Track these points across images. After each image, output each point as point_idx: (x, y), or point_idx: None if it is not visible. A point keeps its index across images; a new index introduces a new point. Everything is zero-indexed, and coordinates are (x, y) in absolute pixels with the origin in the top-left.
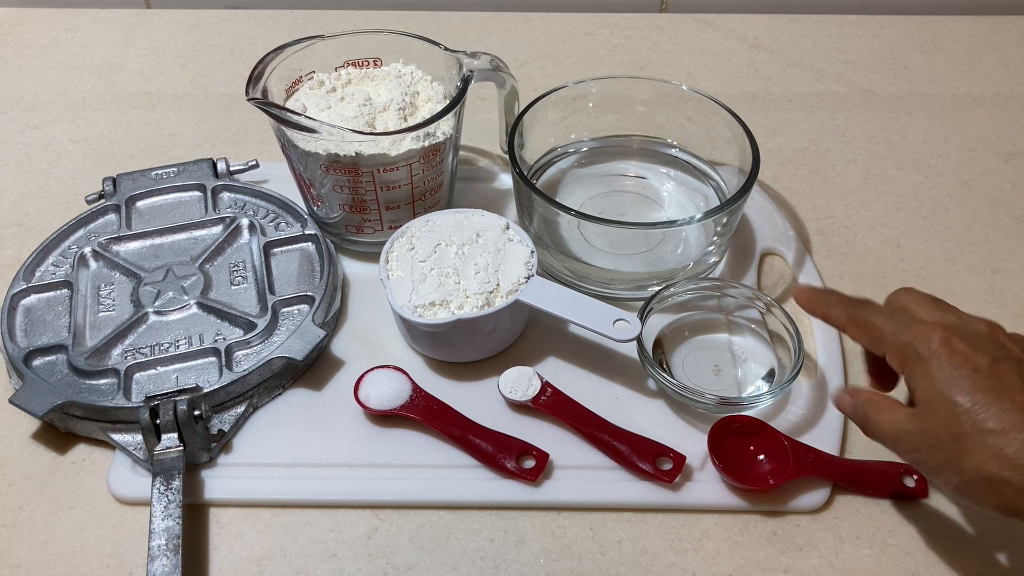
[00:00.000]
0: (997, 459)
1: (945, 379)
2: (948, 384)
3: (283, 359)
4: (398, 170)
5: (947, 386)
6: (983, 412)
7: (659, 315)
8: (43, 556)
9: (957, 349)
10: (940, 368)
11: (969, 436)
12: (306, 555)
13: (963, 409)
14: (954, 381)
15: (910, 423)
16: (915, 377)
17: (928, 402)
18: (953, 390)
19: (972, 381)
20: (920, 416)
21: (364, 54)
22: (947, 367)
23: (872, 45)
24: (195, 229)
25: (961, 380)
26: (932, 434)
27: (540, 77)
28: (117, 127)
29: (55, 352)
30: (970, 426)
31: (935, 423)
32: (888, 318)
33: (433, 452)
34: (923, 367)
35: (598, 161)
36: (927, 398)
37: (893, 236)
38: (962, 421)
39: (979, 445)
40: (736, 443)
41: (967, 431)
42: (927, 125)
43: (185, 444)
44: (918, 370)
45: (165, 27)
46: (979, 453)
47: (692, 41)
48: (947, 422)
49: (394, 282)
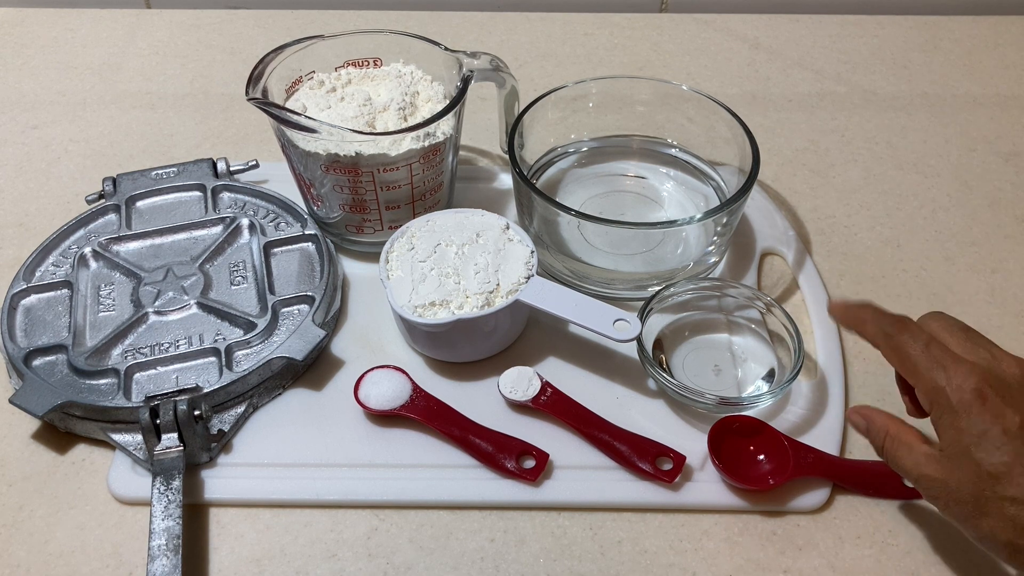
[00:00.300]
0: (1014, 528)
1: (973, 436)
2: (976, 443)
3: (283, 359)
4: (398, 170)
5: (974, 444)
6: (1006, 478)
7: (659, 315)
8: (43, 556)
9: (989, 403)
10: (970, 423)
11: (990, 500)
12: (306, 555)
13: (986, 472)
14: (981, 441)
15: (932, 468)
16: (943, 426)
17: (953, 455)
18: (979, 450)
19: (999, 443)
20: (943, 465)
21: (364, 54)
22: (977, 423)
23: (872, 45)
24: (195, 229)
25: (988, 441)
26: (954, 487)
27: (540, 77)
28: (117, 127)
29: (55, 352)
30: (991, 490)
31: (958, 477)
32: (923, 351)
33: (433, 452)
34: (952, 418)
35: (598, 161)
36: (953, 451)
37: (893, 236)
38: (984, 483)
39: (998, 510)
40: (736, 443)
41: (988, 494)
42: (927, 125)
43: (185, 444)
44: (947, 420)
45: (165, 27)
46: (997, 518)
47: (692, 41)
48: (970, 480)
49: (394, 282)
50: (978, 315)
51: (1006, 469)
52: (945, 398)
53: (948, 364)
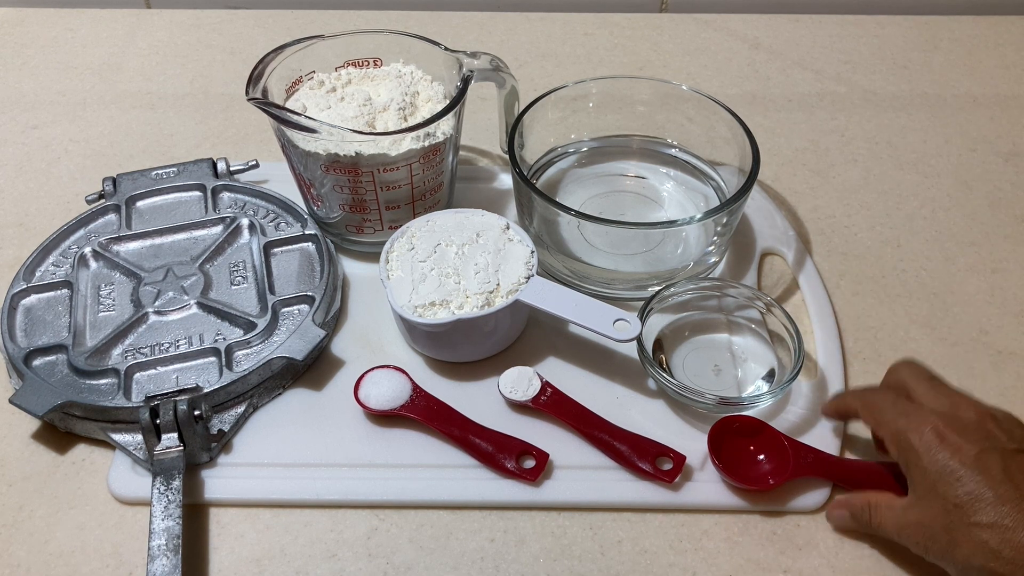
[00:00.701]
0: (984, 552)
1: (936, 472)
2: (938, 478)
3: (283, 359)
4: (398, 170)
5: (938, 479)
6: (969, 506)
7: (659, 315)
8: (43, 556)
9: (947, 440)
10: (932, 461)
11: (959, 529)
12: (306, 555)
13: (952, 504)
14: (943, 475)
15: (908, 515)
16: (909, 467)
17: (923, 496)
18: (942, 484)
19: (960, 475)
20: (916, 507)
21: (364, 54)
22: (938, 460)
23: (872, 45)
24: (195, 229)
25: (949, 474)
26: (928, 525)
27: (540, 77)
28: (117, 127)
29: (55, 352)
30: (959, 519)
31: (930, 515)
32: (892, 403)
33: (433, 452)
34: (916, 458)
35: (598, 161)
36: (920, 491)
37: (893, 236)
38: (952, 515)
39: (968, 538)
40: (736, 443)
41: (957, 524)
42: (927, 125)
43: (185, 444)
44: (911, 460)
45: (165, 27)
46: (968, 545)
47: (692, 41)
48: (940, 515)
49: (394, 282)
50: (978, 315)
51: (969, 499)
52: (907, 440)
53: (910, 411)
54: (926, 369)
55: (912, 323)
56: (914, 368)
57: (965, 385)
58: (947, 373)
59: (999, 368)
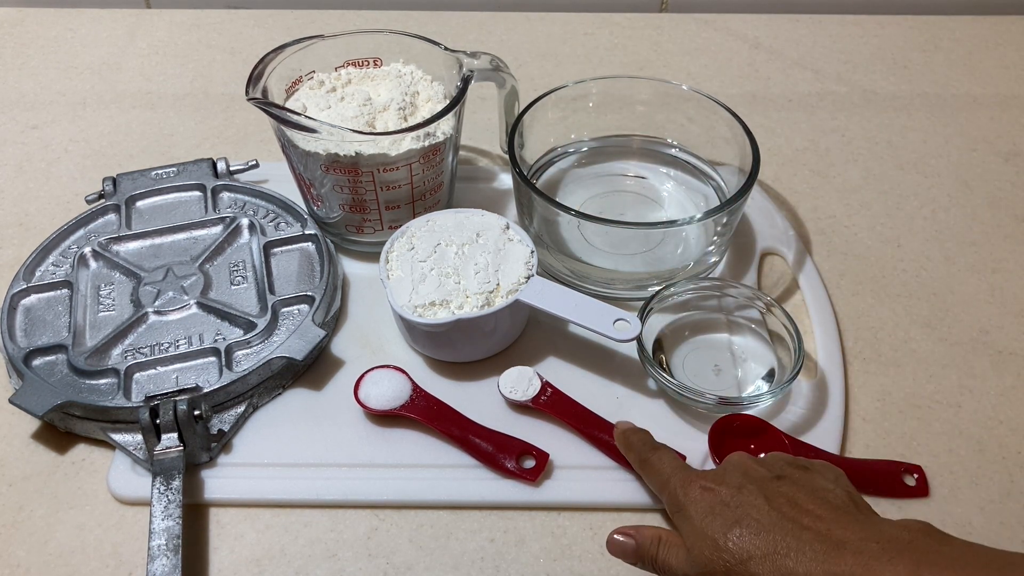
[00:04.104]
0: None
1: (700, 519)
2: (704, 524)
3: (283, 359)
4: (398, 170)
5: (704, 526)
6: (735, 544)
7: (659, 315)
8: (43, 556)
9: (707, 487)
10: (696, 510)
11: (733, 570)
12: (306, 555)
13: (721, 546)
14: (707, 520)
15: (689, 567)
16: (680, 523)
17: (693, 545)
18: (708, 529)
19: (723, 516)
20: (692, 560)
21: (364, 54)
22: (701, 507)
23: (872, 45)
24: (195, 229)
25: (713, 518)
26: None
27: (540, 77)
28: (117, 127)
29: (55, 352)
30: (731, 558)
31: (704, 563)
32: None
33: (433, 452)
34: (683, 512)
35: (598, 161)
36: (691, 542)
37: (893, 236)
38: (724, 557)
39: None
40: (737, 442)
41: (732, 566)
42: (927, 125)
43: (185, 444)
44: (680, 516)
45: (165, 27)
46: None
47: (692, 41)
48: (713, 560)
49: (394, 282)
50: (978, 315)
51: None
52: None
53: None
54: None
55: (912, 323)
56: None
57: (965, 385)
58: (947, 373)
59: (999, 368)
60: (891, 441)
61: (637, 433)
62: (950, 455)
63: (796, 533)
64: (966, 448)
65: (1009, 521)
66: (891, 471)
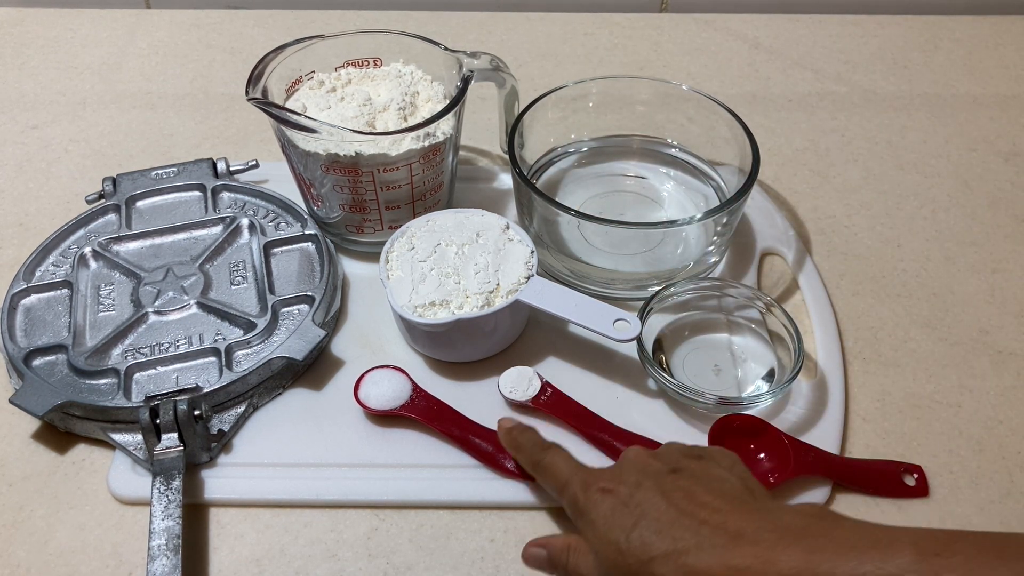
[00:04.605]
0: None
1: (602, 523)
2: (605, 528)
3: (283, 359)
4: (398, 170)
5: (605, 530)
6: (636, 545)
7: (659, 315)
8: (43, 556)
9: (606, 488)
10: (598, 514)
11: (638, 572)
12: (306, 555)
13: (623, 549)
14: (609, 523)
15: (597, 572)
16: (583, 528)
17: (598, 550)
18: (610, 533)
19: (623, 518)
20: (600, 565)
21: (364, 54)
22: (602, 511)
23: (872, 45)
24: (195, 229)
25: (614, 521)
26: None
27: (540, 77)
28: (117, 127)
29: (55, 352)
30: (634, 560)
31: (610, 567)
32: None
33: (433, 452)
34: (586, 517)
35: (598, 161)
36: (596, 547)
37: (893, 236)
38: (628, 560)
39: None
40: (737, 442)
41: (636, 568)
42: (927, 125)
43: (185, 444)
44: (583, 521)
45: (165, 27)
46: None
47: (692, 41)
48: (618, 564)
49: (394, 282)
50: (978, 315)
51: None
52: (576, 503)
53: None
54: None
55: (912, 323)
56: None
57: (965, 385)
58: (947, 373)
59: (999, 368)
60: (891, 441)
61: (524, 432)
62: (950, 455)
63: (694, 528)
64: (966, 448)
65: (1009, 521)
66: (891, 471)
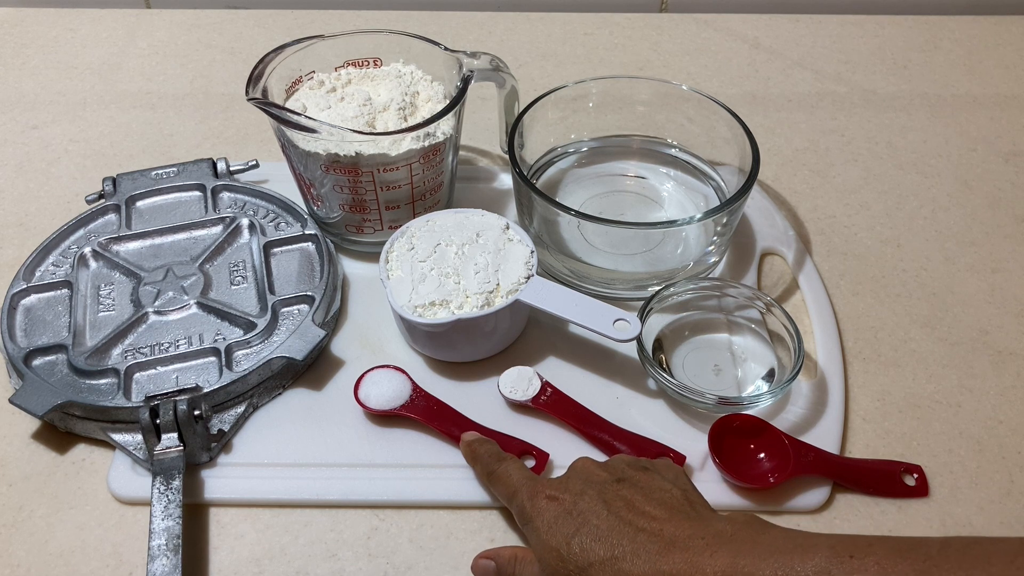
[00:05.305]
0: None
1: (545, 530)
2: (548, 535)
3: (283, 359)
4: (398, 170)
5: (548, 537)
6: (576, 552)
7: (659, 315)
8: (43, 556)
9: (552, 496)
10: (542, 521)
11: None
12: (306, 555)
13: (564, 555)
14: (551, 530)
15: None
16: (529, 536)
17: (542, 557)
18: (552, 540)
19: (565, 525)
20: (543, 573)
21: (364, 54)
22: (547, 518)
23: (872, 45)
24: (195, 229)
25: (557, 528)
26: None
27: (540, 77)
28: (117, 127)
29: (55, 352)
30: (574, 567)
31: (551, 573)
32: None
33: (433, 452)
34: (531, 525)
35: (598, 161)
36: (539, 554)
37: (893, 236)
38: (568, 567)
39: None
40: (737, 442)
41: (574, 572)
42: (927, 125)
43: (185, 444)
44: (529, 528)
45: (165, 27)
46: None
47: (692, 41)
48: (559, 571)
49: (394, 282)
50: (978, 315)
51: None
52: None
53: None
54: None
55: (912, 323)
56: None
57: (965, 385)
58: (947, 373)
59: (999, 368)
60: (891, 441)
61: (484, 444)
62: (950, 455)
63: (632, 535)
64: (966, 448)
65: (1009, 521)
66: (891, 471)
